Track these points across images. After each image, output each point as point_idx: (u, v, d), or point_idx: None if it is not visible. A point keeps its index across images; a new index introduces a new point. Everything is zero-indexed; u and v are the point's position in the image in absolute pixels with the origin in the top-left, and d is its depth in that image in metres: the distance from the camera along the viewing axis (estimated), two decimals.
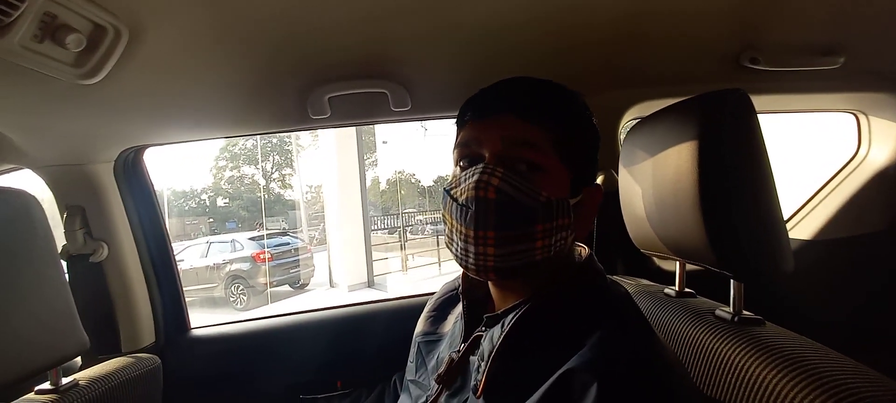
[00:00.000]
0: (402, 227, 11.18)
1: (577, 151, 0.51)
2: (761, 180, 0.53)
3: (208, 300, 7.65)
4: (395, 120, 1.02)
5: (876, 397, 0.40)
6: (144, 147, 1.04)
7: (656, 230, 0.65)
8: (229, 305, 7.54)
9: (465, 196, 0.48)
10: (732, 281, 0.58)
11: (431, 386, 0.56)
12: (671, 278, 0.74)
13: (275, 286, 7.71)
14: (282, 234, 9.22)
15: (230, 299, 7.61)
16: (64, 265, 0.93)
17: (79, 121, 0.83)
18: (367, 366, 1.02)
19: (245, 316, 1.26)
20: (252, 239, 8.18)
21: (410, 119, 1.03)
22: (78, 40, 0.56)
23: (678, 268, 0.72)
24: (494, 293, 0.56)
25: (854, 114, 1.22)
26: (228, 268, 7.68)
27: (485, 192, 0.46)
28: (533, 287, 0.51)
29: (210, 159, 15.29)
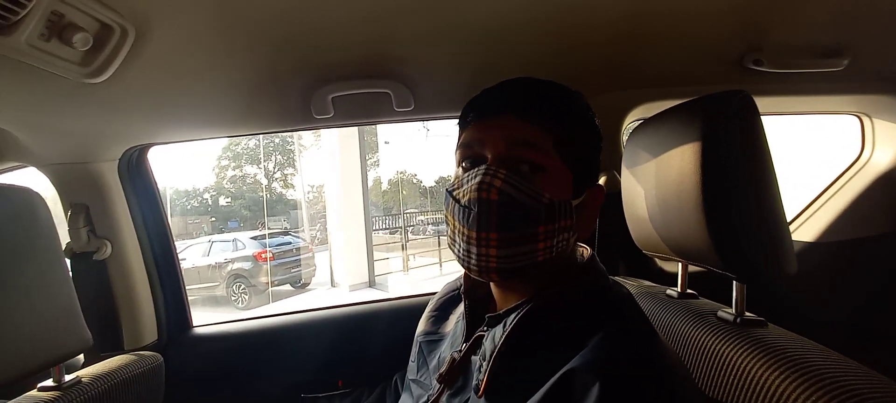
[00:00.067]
0: (404, 227, 11.17)
1: (579, 151, 0.51)
2: (764, 182, 0.53)
3: (210, 299, 7.66)
4: (399, 120, 1.03)
5: (878, 399, 0.40)
6: (148, 146, 1.04)
7: (659, 231, 0.65)
8: (231, 304, 7.55)
9: (468, 197, 0.48)
10: (734, 283, 0.58)
11: (433, 386, 0.56)
12: (673, 279, 0.74)
13: (276, 285, 7.72)
14: (284, 234, 9.23)
15: (231, 298, 7.62)
16: (67, 262, 0.93)
17: (84, 119, 0.84)
18: (369, 366, 1.02)
19: (247, 315, 1.27)
20: (254, 238, 8.19)
21: (413, 119, 1.03)
22: (85, 39, 0.57)
23: (680, 270, 0.72)
24: (496, 293, 0.56)
25: (858, 116, 1.21)
26: (230, 267, 7.69)
27: (487, 194, 0.46)
28: (535, 287, 0.51)
29: (213, 158, 15.40)
